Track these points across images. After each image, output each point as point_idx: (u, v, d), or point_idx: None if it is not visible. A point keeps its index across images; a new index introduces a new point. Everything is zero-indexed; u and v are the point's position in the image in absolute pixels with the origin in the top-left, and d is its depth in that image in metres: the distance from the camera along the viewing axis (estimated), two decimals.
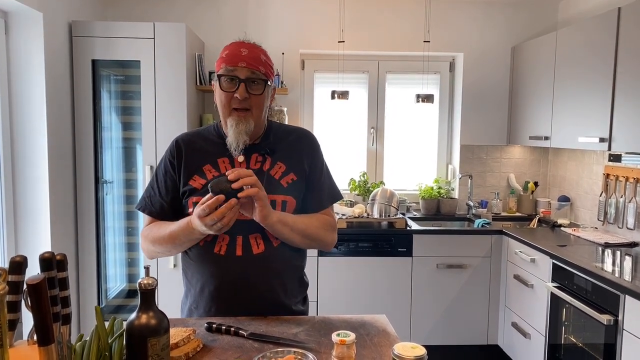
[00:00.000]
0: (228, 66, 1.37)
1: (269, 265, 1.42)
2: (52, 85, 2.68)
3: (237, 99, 1.37)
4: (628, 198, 2.85)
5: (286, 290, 1.47)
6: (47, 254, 0.84)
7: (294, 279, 1.51)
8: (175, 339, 1.18)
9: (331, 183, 1.56)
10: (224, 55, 1.40)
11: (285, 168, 1.45)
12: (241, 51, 1.38)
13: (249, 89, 1.37)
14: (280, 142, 1.49)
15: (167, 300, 2.99)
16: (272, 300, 1.44)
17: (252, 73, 1.37)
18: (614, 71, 2.53)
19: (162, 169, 1.49)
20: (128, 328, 1.00)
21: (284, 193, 1.43)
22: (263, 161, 1.45)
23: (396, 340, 1.27)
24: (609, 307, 2.15)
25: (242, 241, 1.40)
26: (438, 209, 3.74)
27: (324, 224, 1.49)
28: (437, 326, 3.26)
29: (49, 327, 0.78)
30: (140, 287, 1.02)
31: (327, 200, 1.53)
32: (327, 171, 1.56)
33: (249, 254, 1.40)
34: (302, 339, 1.27)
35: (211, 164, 1.44)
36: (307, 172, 1.48)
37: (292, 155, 1.48)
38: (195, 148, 1.47)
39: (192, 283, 1.48)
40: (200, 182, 1.42)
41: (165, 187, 1.47)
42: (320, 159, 1.54)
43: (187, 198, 1.43)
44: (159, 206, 1.47)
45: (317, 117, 3.86)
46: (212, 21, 3.57)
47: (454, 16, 3.67)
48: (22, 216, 2.64)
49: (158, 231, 1.42)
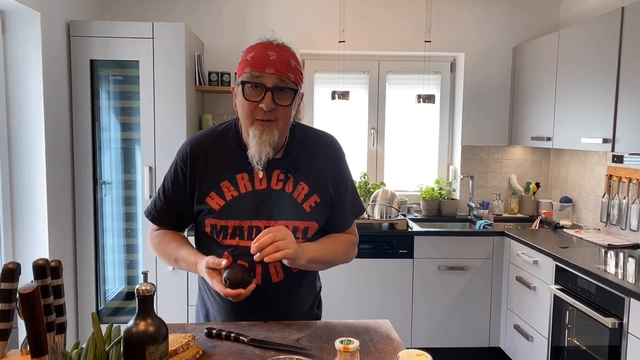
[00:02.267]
0: (253, 71, 1.22)
1: (289, 292, 1.39)
2: (49, 86, 2.65)
3: (262, 110, 1.23)
4: (631, 199, 2.83)
5: (304, 310, 1.46)
6: (40, 261, 0.82)
7: (311, 296, 1.49)
8: (174, 345, 1.15)
9: (354, 197, 1.47)
10: (248, 57, 1.24)
11: (308, 189, 1.35)
12: (269, 55, 1.22)
13: (276, 98, 1.23)
14: (304, 155, 1.37)
15: (166, 304, 2.96)
16: (290, 319, 1.41)
17: (281, 81, 1.23)
18: (617, 71, 2.51)
19: (172, 177, 1.39)
20: (125, 336, 0.98)
21: (307, 219, 1.35)
22: (285, 180, 1.34)
23: (400, 347, 1.25)
24: (613, 310, 2.12)
25: (262, 270, 1.33)
26: (439, 210, 3.71)
27: (348, 247, 1.45)
28: (438, 329, 3.23)
29: (42, 338, 0.75)
30: (138, 293, 0.99)
31: (351, 218, 1.47)
32: (351, 185, 1.46)
33: (268, 283, 1.34)
34: (304, 345, 1.24)
35: (229, 181, 1.33)
36: (331, 193, 1.39)
37: (315, 173, 1.37)
38: (212, 158, 1.35)
39: (209, 302, 1.45)
40: (218, 203, 1.33)
41: (173, 195, 1.39)
42: (344, 173, 1.43)
43: (204, 217, 1.34)
44: (164, 215, 1.42)
45: (317, 117, 3.83)
46: (212, 21, 3.54)
47: (455, 16, 3.65)
48: (20, 217, 2.61)
49: (166, 247, 1.39)
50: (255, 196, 1.33)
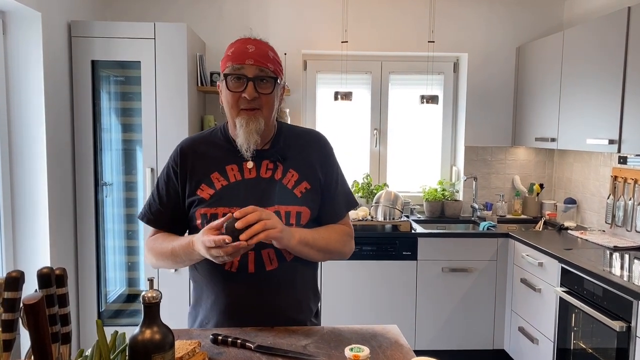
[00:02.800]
0: (235, 64, 1.30)
1: (282, 282, 1.37)
2: (50, 87, 2.62)
3: (246, 99, 1.30)
4: (637, 201, 2.81)
5: (301, 306, 1.43)
6: (45, 270, 0.79)
7: (308, 293, 1.47)
8: (179, 352, 1.13)
9: (346, 190, 1.50)
10: (229, 53, 1.33)
11: (298, 176, 1.39)
12: (248, 48, 1.31)
13: (258, 87, 1.30)
14: (291, 147, 1.42)
15: (169, 308, 2.93)
16: (286, 317, 1.39)
17: (261, 71, 1.30)
18: (623, 71, 2.49)
19: (165, 177, 1.43)
20: (131, 343, 0.95)
21: (298, 204, 1.37)
22: (274, 169, 1.38)
23: (410, 353, 1.22)
24: (621, 313, 2.10)
25: (255, 257, 1.33)
26: (442, 212, 3.69)
27: (343, 236, 1.45)
28: (442, 331, 3.21)
29: (47, 349, 0.73)
30: (144, 300, 0.97)
31: (343, 209, 1.48)
32: (342, 178, 1.49)
33: (261, 271, 1.34)
34: (311, 352, 1.22)
35: (219, 172, 1.37)
36: (321, 180, 1.42)
37: (304, 162, 1.41)
38: (202, 155, 1.40)
39: (202, 297, 1.43)
40: (208, 192, 1.36)
41: (166, 196, 1.41)
42: (334, 166, 1.47)
43: (195, 209, 1.37)
44: (159, 216, 1.42)
45: (319, 118, 3.81)
46: (214, 21, 3.52)
47: (458, 16, 3.62)
48: (21, 219, 2.59)
49: (161, 245, 1.37)
50: (245, 184, 1.37)
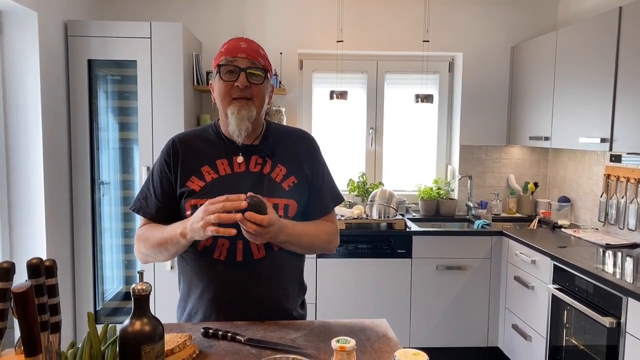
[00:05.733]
0: (228, 57, 1.37)
1: (270, 270, 1.40)
2: (47, 86, 2.64)
3: (238, 88, 1.36)
4: (629, 199, 2.83)
5: (287, 295, 1.46)
6: (35, 260, 0.81)
7: (294, 283, 1.50)
8: (170, 345, 1.14)
9: (332, 186, 1.55)
10: (222, 49, 1.41)
11: (285, 171, 1.44)
12: (240, 44, 1.40)
13: (250, 78, 1.37)
14: (280, 144, 1.47)
15: (163, 303, 2.96)
16: (273, 305, 1.42)
17: (252, 63, 1.38)
18: (615, 71, 2.51)
19: (158, 169, 1.46)
20: (121, 335, 0.97)
21: (286, 197, 1.41)
22: (263, 163, 1.43)
23: (397, 346, 1.25)
24: (611, 309, 2.12)
25: (243, 246, 1.37)
26: (437, 210, 3.71)
27: (328, 232, 1.49)
28: (436, 328, 3.23)
29: (36, 337, 0.75)
30: (133, 292, 0.99)
31: (330, 205, 1.53)
32: (328, 174, 1.55)
33: (249, 259, 1.38)
34: (300, 345, 1.24)
35: (210, 165, 1.42)
36: (308, 176, 1.47)
37: (292, 158, 1.46)
38: (193, 149, 1.45)
39: (190, 288, 1.45)
40: (198, 184, 1.40)
41: (160, 188, 1.44)
42: (321, 162, 1.53)
43: (185, 200, 1.40)
44: (153, 208, 1.44)
45: (315, 117, 3.83)
46: (210, 21, 3.54)
47: (454, 16, 3.65)
48: (17, 217, 2.61)
49: (150, 233, 1.39)
50: (235, 177, 1.41)
